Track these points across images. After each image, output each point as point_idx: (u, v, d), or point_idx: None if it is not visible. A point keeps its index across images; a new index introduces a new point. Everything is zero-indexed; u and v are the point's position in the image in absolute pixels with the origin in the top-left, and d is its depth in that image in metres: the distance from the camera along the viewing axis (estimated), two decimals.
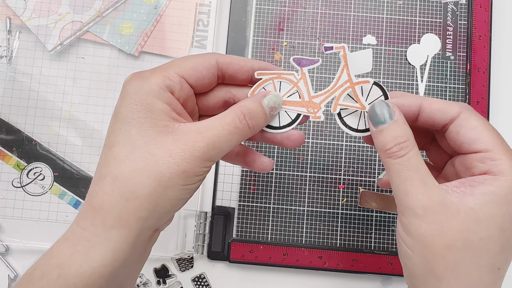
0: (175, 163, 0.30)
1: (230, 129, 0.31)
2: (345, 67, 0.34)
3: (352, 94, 0.34)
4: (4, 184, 0.48)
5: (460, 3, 0.50)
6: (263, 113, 0.33)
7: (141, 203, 0.29)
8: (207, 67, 0.33)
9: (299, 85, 0.34)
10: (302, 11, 0.51)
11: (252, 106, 0.32)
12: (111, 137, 0.31)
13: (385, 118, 0.32)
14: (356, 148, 0.49)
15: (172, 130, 0.30)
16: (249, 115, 0.32)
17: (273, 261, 0.47)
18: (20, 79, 0.49)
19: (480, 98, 0.49)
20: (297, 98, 0.35)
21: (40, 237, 0.47)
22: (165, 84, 0.31)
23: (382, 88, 0.34)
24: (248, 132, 0.32)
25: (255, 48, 0.50)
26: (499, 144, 0.31)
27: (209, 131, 0.31)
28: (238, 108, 0.32)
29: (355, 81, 0.34)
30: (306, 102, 0.35)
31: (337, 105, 0.34)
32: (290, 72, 0.34)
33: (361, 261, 0.47)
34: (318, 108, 0.35)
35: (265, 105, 0.33)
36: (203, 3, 0.51)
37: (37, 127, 0.49)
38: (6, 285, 0.47)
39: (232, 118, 0.31)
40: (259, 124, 0.33)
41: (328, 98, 0.35)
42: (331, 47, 0.34)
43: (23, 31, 0.50)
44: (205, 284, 0.48)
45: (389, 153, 0.32)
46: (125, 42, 0.50)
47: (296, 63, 0.34)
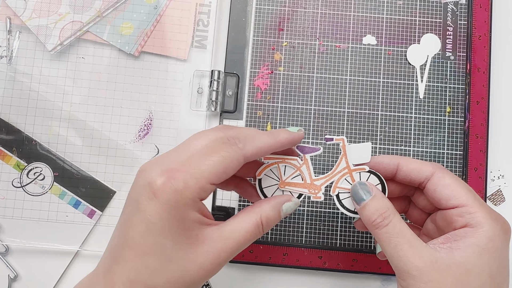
0: (204, 274, 0.32)
1: (249, 237, 0.34)
2: (343, 156, 0.38)
3: (350, 179, 0.38)
4: (4, 184, 0.48)
5: (460, 3, 0.50)
6: (278, 219, 0.36)
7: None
8: (235, 168, 0.33)
9: (302, 169, 0.38)
10: (302, 11, 0.51)
11: (272, 215, 0.35)
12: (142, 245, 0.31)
13: (364, 195, 0.36)
14: None
15: (203, 239, 0.32)
16: (267, 223, 0.35)
17: (273, 261, 0.47)
18: (20, 79, 0.49)
19: (480, 98, 0.49)
20: (299, 180, 0.39)
21: (40, 237, 0.47)
22: (199, 197, 0.32)
23: (378, 176, 0.38)
24: (261, 234, 0.35)
25: (255, 48, 0.50)
26: (472, 198, 0.35)
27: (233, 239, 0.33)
28: (259, 215, 0.35)
29: (353, 168, 0.38)
30: (308, 184, 0.39)
31: (336, 187, 0.39)
32: (293, 158, 0.38)
33: (361, 261, 0.47)
34: (318, 190, 0.39)
35: (283, 213, 0.36)
36: (203, 3, 0.51)
37: (37, 127, 0.49)
38: (6, 285, 0.47)
39: (254, 227, 0.34)
40: (271, 227, 0.36)
41: (328, 182, 0.39)
42: (331, 139, 0.39)
43: (23, 31, 0.50)
44: (205, 284, 0.48)
45: (375, 225, 0.35)
46: (125, 42, 0.50)
47: (299, 151, 0.38)
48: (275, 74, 0.50)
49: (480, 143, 0.48)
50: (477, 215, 0.34)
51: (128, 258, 0.31)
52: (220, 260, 0.33)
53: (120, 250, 0.32)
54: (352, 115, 0.49)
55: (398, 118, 0.49)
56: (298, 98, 0.49)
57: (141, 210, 0.31)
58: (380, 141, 0.49)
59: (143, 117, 0.49)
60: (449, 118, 0.49)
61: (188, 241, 0.32)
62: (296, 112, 0.49)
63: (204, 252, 0.32)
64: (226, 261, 0.33)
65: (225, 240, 0.33)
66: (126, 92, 0.49)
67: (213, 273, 0.33)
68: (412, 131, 0.49)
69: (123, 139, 0.49)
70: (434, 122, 0.49)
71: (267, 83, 0.50)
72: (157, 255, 0.31)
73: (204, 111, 0.49)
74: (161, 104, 0.49)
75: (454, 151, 0.48)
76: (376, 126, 0.49)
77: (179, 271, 0.32)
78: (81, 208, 0.48)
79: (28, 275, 0.47)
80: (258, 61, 0.50)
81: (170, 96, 0.50)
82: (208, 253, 0.32)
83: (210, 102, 0.49)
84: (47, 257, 0.48)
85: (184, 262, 0.32)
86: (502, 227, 0.34)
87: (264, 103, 0.49)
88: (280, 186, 0.38)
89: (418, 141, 0.49)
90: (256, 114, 0.49)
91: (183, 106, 0.49)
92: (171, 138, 0.49)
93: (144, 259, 0.31)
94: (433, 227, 0.38)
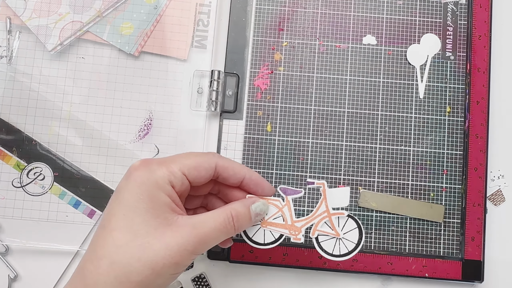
0: (170, 255, 0.33)
1: (220, 228, 0.35)
2: (323, 200, 0.40)
3: (329, 223, 0.40)
4: (4, 184, 0.48)
5: (460, 3, 0.50)
6: (249, 218, 0.38)
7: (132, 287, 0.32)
8: (207, 169, 0.37)
9: (283, 210, 0.40)
10: (302, 11, 0.51)
11: (241, 210, 0.37)
12: (112, 221, 0.34)
13: None
14: (356, 148, 0.49)
15: (171, 222, 0.34)
16: (236, 217, 0.37)
17: (273, 261, 0.47)
18: (20, 79, 0.49)
19: (480, 98, 0.49)
20: (281, 221, 0.40)
21: (40, 237, 0.47)
22: (169, 179, 0.35)
23: (356, 221, 0.40)
24: (233, 232, 0.37)
25: (255, 48, 0.50)
26: None
27: (202, 228, 0.35)
28: (229, 210, 0.36)
29: (332, 212, 0.40)
30: (289, 225, 0.40)
31: (315, 230, 0.40)
32: (276, 199, 0.40)
33: (361, 261, 0.47)
34: (299, 232, 0.40)
35: (252, 211, 0.38)
36: (203, 3, 0.51)
37: (37, 127, 0.49)
38: (6, 285, 0.47)
39: (223, 219, 0.36)
40: (243, 226, 0.38)
41: (308, 224, 0.40)
42: (312, 182, 0.40)
43: (23, 31, 0.50)
44: (205, 284, 0.48)
45: None
46: (125, 42, 0.50)
47: (282, 192, 0.40)
48: (275, 74, 0.50)
49: (480, 143, 0.48)
50: None
51: (99, 236, 0.34)
52: (188, 245, 0.33)
53: (96, 232, 0.35)
54: (352, 115, 0.49)
55: (398, 118, 0.49)
56: (298, 98, 0.49)
57: (117, 189, 0.35)
58: (380, 141, 0.49)
59: (143, 117, 0.49)
60: (449, 118, 0.49)
61: (157, 220, 0.34)
62: (296, 112, 0.49)
63: (171, 233, 0.33)
64: (194, 251, 0.34)
65: (194, 228, 0.34)
66: (126, 92, 0.49)
67: (180, 261, 0.33)
68: (412, 131, 0.49)
69: (123, 139, 0.49)
70: (434, 122, 0.49)
71: (267, 83, 0.50)
72: (124, 230, 0.33)
73: (204, 111, 0.49)
74: (161, 104, 0.49)
75: (454, 151, 0.48)
76: (376, 126, 0.49)
77: (144, 248, 0.33)
78: (81, 208, 0.48)
79: (28, 275, 0.47)
80: (258, 61, 0.50)
81: (170, 96, 0.50)
82: (176, 235, 0.33)
83: (210, 102, 0.49)
84: (47, 257, 0.48)
85: (150, 238, 0.33)
86: None
87: (264, 103, 0.49)
88: (262, 225, 0.40)
89: (418, 141, 0.49)
90: (256, 114, 0.49)
91: (183, 106, 0.49)
92: (171, 138, 0.49)
93: (112, 234, 0.33)
94: None
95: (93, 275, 0.33)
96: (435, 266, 0.47)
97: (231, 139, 0.49)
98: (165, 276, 0.33)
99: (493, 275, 0.48)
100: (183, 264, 0.34)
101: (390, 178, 0.48)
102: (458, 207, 0.48)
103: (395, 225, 0.48)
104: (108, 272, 0.32)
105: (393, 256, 0.47)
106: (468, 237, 0.47)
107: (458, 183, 0.48)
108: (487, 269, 0.48)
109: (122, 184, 0.35)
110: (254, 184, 0.40)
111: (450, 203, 0.48)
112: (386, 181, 0.48)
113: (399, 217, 0.48)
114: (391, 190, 0.48)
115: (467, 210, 0.47)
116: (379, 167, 0.48)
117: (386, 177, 0.48)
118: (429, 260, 0.47)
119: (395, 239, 0.47)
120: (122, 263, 0.32)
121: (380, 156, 0.48)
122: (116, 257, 0.33)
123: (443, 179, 0.48)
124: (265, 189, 0.40)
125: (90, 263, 0.33)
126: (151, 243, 0.33)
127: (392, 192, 0.48)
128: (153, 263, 0.33)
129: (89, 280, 0.33)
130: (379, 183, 0.48)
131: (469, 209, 0.47)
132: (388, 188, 0.48)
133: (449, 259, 0.47)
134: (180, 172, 0.36)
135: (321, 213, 0.40)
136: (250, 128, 0.49)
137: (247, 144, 0.49)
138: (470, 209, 0.47)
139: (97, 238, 0.34)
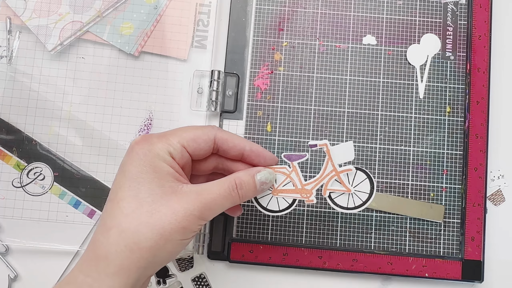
0: (177, 220, 0.34)
1: (224, 195, 0.36)
2: (329, 160, 0.40)
3: (339, 180, 0.40)
4: (4, 184, 0.48)
5: (460, 3, 0.50)
6: (254, 186, 0.38)
7: (142, 254, 0.33)
8: (206, 141, 0.38)
9: (292, 176, 0.40)
10: (302, 11, 0.51)
11: (245, 179, 0.38)
12: (118, 193, 0.35)
13: None
14: (356, 148, 0.49)
15: (176, 190, 0.35)
16: (240, 185, 0.37)
17: (273, 261, 0.47)
18: (20, 79, 0.49)
19: (480, 98, 0.49)
20: (291, 186, 0.40)
21: (40, 237, 0.47)
22: (168, 150, 0.36)
23: (365, 172, 0.40)
24: (238, 200, 0.37)
25: (255, 48, 0.50)
26: None
27: (207, 194, 0.35)
28: (233, 178, 0.37)
29: (339, 169, 0.40)
30: (299, 189, 0.40)
31: (326, 190, 0.41)
32: (282, 166, 0.40)
33: (361, 261, 0.47)
34: (310, 194, 0.41)
35: (257, 179, 0.38)
36: (203, 3, 0.51)
37: (37, 127, 0.49)
38: (6, 285, 0.47)
39: (227, 187, 0.37)
40: (248, 195, 0.38)
41: (318, 185, 0.41)
42: (315, 145, 0.40)
43: (23, 31, 0.50)
44: (205, 284, 0.48)
45: None
46: (125, 42, 0.50)
47: (287, 159, 0.40)
48: (275, 74, 0.50)
49: (480, 143, 0.48)
50: None
51: (107, 209, 0.35)
52: (194, 210, 0.34)
53: (105, 206, 0.36)
54: (352, 115, 0.49)
55: (398, 118, 0.49)
56: (298, 98, 0.49)
57: (121, 164, 0.36)
58: (380, 141, 0.49)
59: (143, 117, 0.49)
60: (449, 118, 0.49)
61: (162, 189, 0.35)
62: (296, 112, 0.49)
63: (177, 199, 0.34)
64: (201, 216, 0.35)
65: (199, 194, 0.35)
66: (126, 92, 0.49)
67: (187, 225, 0.34)
68: (412, 131, 0.49)
69: (123, 139, 0.49)
70: (434, 122, 0.49)
71: (267, 83, 0.50)
72: (131, 199, 0.34)
73: (204, 111, 0.49)
74: (161, 104, 0.49)
75: (454, 151, 0.48)
76: (376, 126, 0.49)
77: (151, 214, 0.33)
78: (81, 208, 0.48)
79: (28, 275, 0.47)
80: (258, 61, 0.50)
81: (170, 96, 0.50)
82: (181, 201, 0.34)
83: (210, 102, 0.49)
84: (47, 257, 0.48)
85: (156, 205, 0.34)
86: None
87: (264, 103, 0.49)
88: (273, 194, 0.41)
89: (418, 141, 0.49)
90: (256, 114, 0.49)
91: (183, 106, 0.49)
92: None
93: (119, 204, 0.34)
94: None
95: (104, 246, 0.33)
96: (435, 266, 0.47)
97: None
98: (174, 241, 0.34)
99: (493, 275, 0.48)
100: (190, 229, 0.34)
101: (390, 178, 0.48)
102: (458, 207, 0.48)
103: (395, 225, 0.48)
104: (118, 241, 0.33)
105: (393, 256, 0.47)
106: (468, 237, 0.47)
107: (458, 183, 0.48)
108: (487, 269, 0.48)
109: (125, 159, 0.36)
110: (256, 155, 0.40)
111: (450, 203, 0.48)
112: (386, 181, 0.48)
113: (399, 217, 0.48)
114: (391, 190, 0.48)
115: (467, 210, 0.48)
116: (379, 167, 0.48)
117: (386, 177, 0.48)
118: (429, 260, 0.47)
119: (395, 239, 0.47)
120: (131, 230, 0.33)
121: (380, 156, 0.48)
122: (125, 225, 0.33)
123: (443, 179, 0.48)
124: (267, 158, 0.40)
125: (101, 234, 0.34)
126: (157, 209, 0.34)
127: (392, 192, 0.48)
128: (161, 228, 0.33)
129: (100, 251, 0.33)
130: (379, 183, 0.48)
131: (469, 209, 0.47)
132: (388, 188, 0.48)
133: (449, 259, 0.47)
134: (179, 144, 0.37)
135: (328, 172, 0.40)
136: (250, 128, 0.49)
137: None
138: (470, 209, 0.47)
139: (105, 210, 0.35)
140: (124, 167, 0.36)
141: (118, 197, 0.35)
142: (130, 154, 0.36)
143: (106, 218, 0.35)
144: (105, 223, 0.34)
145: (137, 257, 0.33)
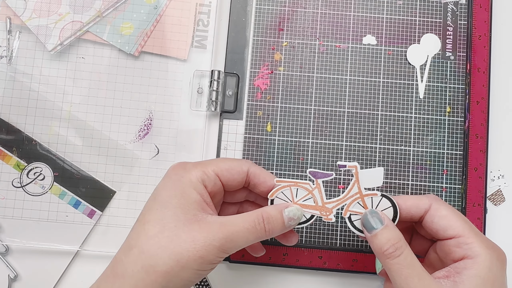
0: (195, 248, 0.34)
1: (249, 228, 0.35)
2: (356, 182, 0.39)
3: (362, 203, 0.39)
4: (4, 184, 0.48)
5: (460, 3, 0.50)
6: (282, 222, 0.37)
7: (157, 277, 0.33)
8: (239, 172, 0.38)
9: (314, 193, 0.39)
10: (302, 11, 0.51)
11: (273, 214, 0.37)
12: (146, 215, 0.36)
13: (376, 224, 0.37)
14: (356, 148, 0.49)
15: (200, 219, 0.35)
16: (267, 220, 0.36)
17: (273, 261, 0.47)
18: (20, 79, 0.49)
19: (480, 98, 0.49)
20: (311, 202, 0.39)
21: (40, 237, 0.47)
22: (202, 178, 0.37)
23: (390, 199, 0.39)
24: (264, 235, 0.36)
25: (255, 48, 0.50)
26: (468, 228, 0.36)
27: (230, 226, 0.35)
28: (260, 212, 0.37)
29: (365, 193, 0.39)
30: (320, 206, 0.39)
31: (347, 211, 0.39)
32: (306, 182, 0.39)
33: (361, 261, 0.47)
34: (330, 212, 0.39)
35: (285, 215, 0.37)
36: (203, 3, 0.51)
37: (37, 127, 0.49)
38: (6, 285, 0.47)
39: (253, 220, 0.36)
40: (275, 231, 0.37)
41: (340, 205, 0.39)
42: (344, 165, 0.39)
43: (23, 31, 0.50)
44: (205, 284, 0.48)
45: (387, 254, 0.36)
46: (125, 42, 0.50)
47: (312, 175, 0.39)
48: (275, 74, 0.50)
49: (480, 143, 0.48)
50: (473, 245, 0.35)
51: (134, 229, 0.36)
52: (214, 240, 0.34)
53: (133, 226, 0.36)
54: (352, 115, 0.49)
55: (398, 118, 0.49)
56: (298, 98, 0.49)
57: (155, 188, 0.37)
58: (380, 141, 0.49)
59: (143, 117, 0.49)
60: (449, 118, 0.49)
61: (186, 216, 0.35)
62: (296, 112, 0.49)
63: (199, 228, 0.34)
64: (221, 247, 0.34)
65: (222, 225, 0.35)
66: (126, 92, 0.49)
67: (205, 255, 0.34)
68: (412, 131, 0.49)
69: (123, 139, 0.49)
70: (434, 122, 0.49)
71: (267, 83, 0.50)
72: (155, 222, 0.35)
73: (204, 111, 0.49)
74: (161, 104, 0.49)
75: (454, 151, 0.48)
76: (376, 126, 0.49)
77: (171, 239, 0.34)
78: (81, 208, 0.48)
79: (28, 275, 0.47)
80: (258, 61, 0.50)
81: (170, 96, 0.50)
82: (203, 230, 0.34)
83: (210, 102, 0.49)
84: (47, 257, 0.48)
85: (178, 231, 0.34)
86: (498, 256, 0.35)
87: (264, 103, 0.49)
88: None
89: (418, 141, 0.49)
90: (256, 114, 0.49)
91: (183, 106, 0.49)
92: (171, 138, 0.49)
93: (144, 226, 0.35)
94: (436, 257, 0.39)
95: (123, 264, 0.34)
96: None
97: (231, 139, 0.49)
98: (190, 270, 0.34)
99: None
100: (209, 260, 0.34)
101: (390, 178, 0.48)
102: (458, 207, 0.48)
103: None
104: (136, 261, 0.34)
105: None
106: None
107: (458, 183, 0.48)
108: None
109: (159, 184, 0.37)
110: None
111: (450, 203, 0.48)
112: (386, 181, 0.48)
113: None
114: (391, 190, 0.48)
115: (467, 210, 0.47)
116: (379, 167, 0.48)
117: (386, 177, 0.48)
118: None
119: None
120: (150, 253, 0.34)
121: (380, 156, 0.48)
122: (146, 247, 0.34)
123: (443, 179, 0.48)
124: None
125: (122, 253, 0.35)
126: (178, 235, 0.34)
127: (392, 192, 0.48)
128: (178, 254, 0.33)
129: (118, 268, 0.34)
130: None
131: (469, 209, 0.48)
132: (388, 188, 0.48)
133: None
134: (214, 173, 0.37)
135: (353, 194, 0.39)
136: (250, 128, 0.49)
137: (247, 144, 0.49)
138: (470, 209, 0.47)
139: (132, 231, 0.36)
140: (156, 190, 0.37)
141: (145, 219, 0.36)
142: (164, 179, 0.37)
143: (130, 238, 0.36)
144: (129, 243, 0.35)
145: (151, 280, 0.33)
